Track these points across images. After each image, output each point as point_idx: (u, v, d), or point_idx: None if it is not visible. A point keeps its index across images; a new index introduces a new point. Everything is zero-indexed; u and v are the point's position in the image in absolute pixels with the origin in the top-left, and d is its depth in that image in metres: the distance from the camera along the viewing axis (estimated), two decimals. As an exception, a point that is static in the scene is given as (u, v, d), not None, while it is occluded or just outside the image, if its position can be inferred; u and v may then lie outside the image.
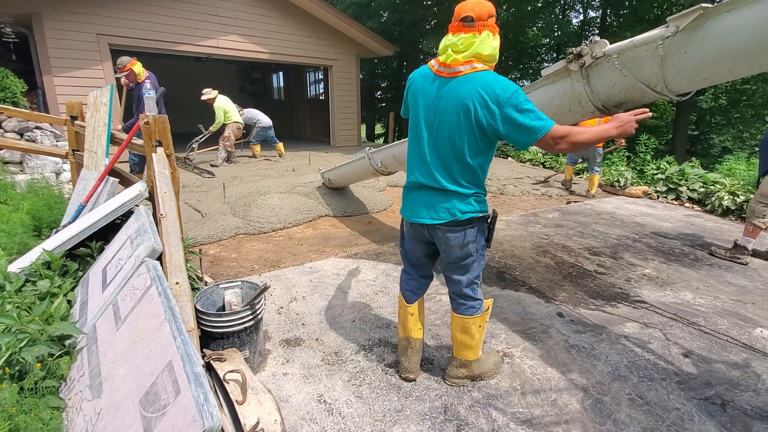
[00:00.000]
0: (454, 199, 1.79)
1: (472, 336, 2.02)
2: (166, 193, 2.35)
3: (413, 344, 2.13)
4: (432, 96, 1.75)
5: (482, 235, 1.89)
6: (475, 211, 1.81)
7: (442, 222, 1.81)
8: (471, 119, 1.66)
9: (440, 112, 1.73)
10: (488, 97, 1.61)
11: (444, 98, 1.71)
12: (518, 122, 1.60)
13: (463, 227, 1.82)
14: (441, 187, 1.79)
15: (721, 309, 3.00)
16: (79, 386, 1.69)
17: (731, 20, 1.81)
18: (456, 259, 1.91)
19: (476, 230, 1.85)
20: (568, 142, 1.61)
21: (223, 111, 7.48)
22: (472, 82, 1.64)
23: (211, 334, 2.01)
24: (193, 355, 1.41)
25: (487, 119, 1.64)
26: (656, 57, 2.05)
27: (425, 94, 1.78)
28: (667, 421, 1.92)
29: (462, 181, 1.78)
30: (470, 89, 1.63)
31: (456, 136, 1.71)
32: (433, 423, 1.87)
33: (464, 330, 2.02)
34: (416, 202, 1.89)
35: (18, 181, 4.50)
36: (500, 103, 1.60)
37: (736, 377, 2.25)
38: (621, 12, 15.10)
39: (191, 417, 1.21)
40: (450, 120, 1.70)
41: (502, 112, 1.61)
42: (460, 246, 1.85)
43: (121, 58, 4.88)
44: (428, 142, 1.80)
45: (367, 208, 5.26)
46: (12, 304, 1.88)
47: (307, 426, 1.83)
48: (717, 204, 5.67)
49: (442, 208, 1.80)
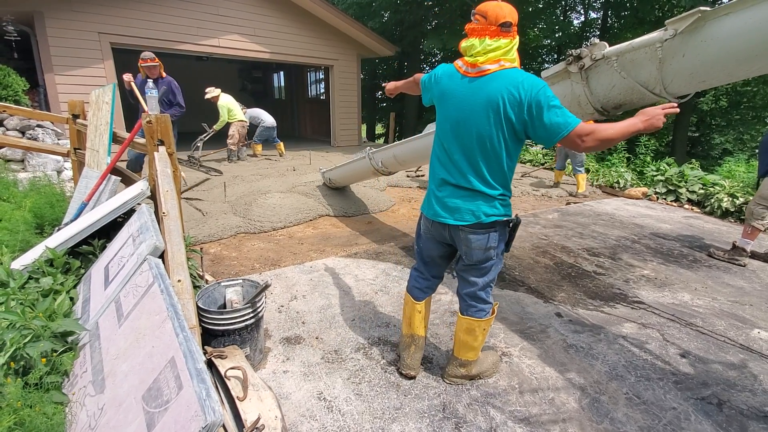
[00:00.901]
0: (480, 201, 1.79)
1: (476, 338, 2.03)
2: (168, 192, 2.37)
3: (417, 341, 2.16)
4: (460, 95, 1.75)
5: (503, 240, 1.88)
6: (499, 215, 1.81)
7: (466, 224, 1.82)
8: (501, 116, 1.66)
9: (469, 110, 1.72)
10: (517, 93, 1.62)
11: (473, 96, 1.71)
12: (546, 118, 1.60)
13: (487, 230, 1.82)
14: (468, 186, 1.79)
15: (719, 310, 3.02)
16: (81, 382, 1.71)
17: (729, 23, 1.83)
18: (476, 262, 1.91)
19: (498, 234, 1.85)
20: (594, 139, 1.60)
21: (227, 109, 7.51)
22: (501, 79, 1.65)
23: (213, 332, 2.03)
24: (196, 352, 1.43)
25: (517, 115, 1.64)
26: (655, 59, 2.07)
27: (453, 93, 1.79)
28: (664, 420, 1.94)
29: (490, 180, 1.77)
30: (499, 86, 1.65)
31: (485, 133, 1.71)
32: (431, 421, 1.88)
33: (469, 331, 2.03)
34: (440, 201, 1.89)
35: (20, 179, 4.52)
36: (529, 98, 1.61)
37: (732, 377, 2.27)
38: (622, 14, 15.12)
39: (194, 412, 1.23)
40: (479, 117, 1.70)
41: (531, 108, 1.61)
42: (483, 249, 1.86)
43: (146, 53, 5.15)
44: (456, 140, 1.80)
45: (369, 209, 5.27)
46: (16, 300, 1.89)
47: (307, 423, 1.85)
48: (716, 206, 5.69)
49: (467, 209, 1.80)
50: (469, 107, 1.72)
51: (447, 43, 12.87)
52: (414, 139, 4.08)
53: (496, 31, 1.66)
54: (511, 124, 1.67)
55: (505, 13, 1.65)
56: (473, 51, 1.70)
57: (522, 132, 1.69)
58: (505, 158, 1.75)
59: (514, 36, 1.69)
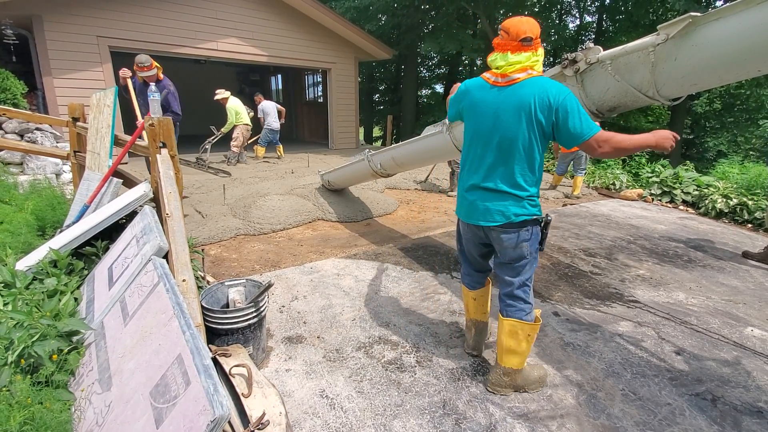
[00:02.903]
0: (509, 202, 1.88)
1: (519, 342, 2.01)
2: (171, 194, 2.40)
3: (478, 326, 2.34)
4: (492, 103, 1.86)
5: (536, 238, 1.95)
6: (528, 214, 1.89)
7: (497, 224, 1.91)
8: (532, 118, 1.77)
9: (501, 115, 1.83)
10: (546, 98, 1.74)
11: (504, 102, 1.82)
12: (570, 123, 1.73)
13: (517, 229, 1.90)
14: (497, 189, 1.89)
15: (713, 308, 3.07)
16: (88, 380, 1.74)
17: (719, 28, 1.88)
18: (509, 260, 1.99)
19: (530, 233, 1.92)
20: (610, 147, 1.73)
21: (235, 112, 7.61)
22: (530, 86, 1.78)
23: (216, 331, 2.06)
24: (202, 348, 1.46)
25: (546, 117, 1.76)
26: (648, 63, 2.12)
27: (484, 102, 1.89)
28: (659, 415, 1.98)
29: (520, 182, 1.86)
30: (529, 92, 1.77)
31: (518, 135, 1.81)
32: (432, 417, 1.92)
33: (512, 334, 2.01)
34: (472, 204, 1.99)
35: (20, 182, 4.54)
36: (557, 103, 1.74)
37: (726, 374, 2.32)
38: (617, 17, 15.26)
39: (202, 406, 1.26)
40: (512, 121, 1.81)
41: (558, 112, 1.74)
42: (513, 247, 1.93)
43: (143, 56, 4.87)
44: (489, 146, 1.90)
45: (371, 212, 5.29)
46: (22, 300, 1.92)
47: (310, 420, 1.88)
48: (711, 207, 5.76)
49: (497, 211, 1.90)
50: (501, 113, 1.83)
51: (444, 46, 12.96)
52: (412, 142, 4.12)
53: (517, 46, 1.79)
54: (541, 126, 1.79)
55: (525, 29, 1.78)
56: (497, 64, 1.84)
57: (550, 134, 1.82)
58: (537, 158, 1.86)
59: (536, 49, 1.82)
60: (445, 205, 5.96)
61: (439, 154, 3.93)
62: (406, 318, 2.79)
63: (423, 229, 4.77)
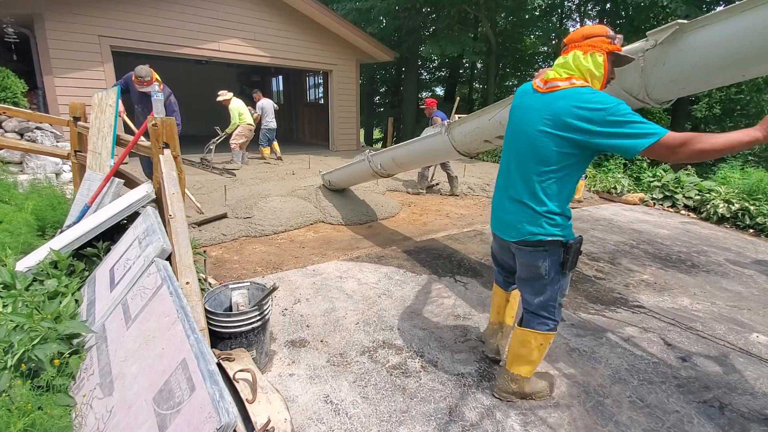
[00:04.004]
0: (525, 217, 1.78)
1: (531, 351, 1.94)
2: (174, 195, 2.37)
3: (504, 329, 2.32)
4: (528, 107, 1.79)
5: (555, 261, 1.79)
6: (546, 234, 1.75)
7: (511, 240, 1.87)
8: (566, 130, 1.63)
9: (533, 122, 1.73)
10: (587, 110, 1.58)
11: (540, 110, 1.72)
12: (617, 134, 1.54)
13: (534, 248, 1.79)
14: (517, 198, 1.81)
15: (718, 314, 3.05)
16: (89, 385, 1.71)
17: (705, 35, 1.93)
18: (525, 277, 1.92)
19: (548, 254, 1.78)
20: (691, 151, 1.47)
21: (238, 113, 7.64)
22: (570, 96, 1.64)
23: (219, 334, 2.03)
24: (207, 353, 1.43)
25: (584, 131, 1.60)
26: (637, 68, 2.16)
27: (522, 106, 1.84)
28: (668, 423, 1.96)
29: (540, 195, 1.74)
30: (568, 102, 1.63)
31: (546, 146, 1.69)
32: (438, 424, 1.89)
33: (524, 343, 1.95)
34: (494, 212, 1.98)
35: (20, 181, 4.50)
36: (597, 116, 1.56)
37: (733, 381, 2.30)
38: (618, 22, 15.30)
39: (207, 413, 1.23)
40: (542, 130, 1.69)
41: (599, 125, 1.56)
42: (527, 265, 1.87)
43: (143, 69, 4.60)
44: (515, 152, 1.84)
45: (374, 215, 5.27)
46: (22, 302, 1.89)
47: (315, 426, 1.85)
48: (712, 211, 5.76)
49: (512, 225, 1.83)
50: (534, 120, 1.73)
51: (445, 49, 12.95)
52: (412, 142, 4.11)
53: (565, 50, 1.75)
54: (576, 141, 1.63)
55: (580, 31, 1.73)
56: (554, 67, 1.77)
57: (587, 149, 1.65)
58: (566, 172, 1.71)
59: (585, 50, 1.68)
60: (447, 208, 5.94)
61: (439, 154, 3.92)
62: (410, 322, 2.76)
63: (425, 232, 4.75)
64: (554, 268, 1.81)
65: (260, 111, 8.38)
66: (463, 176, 7.61)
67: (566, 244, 1.77)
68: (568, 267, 1.80)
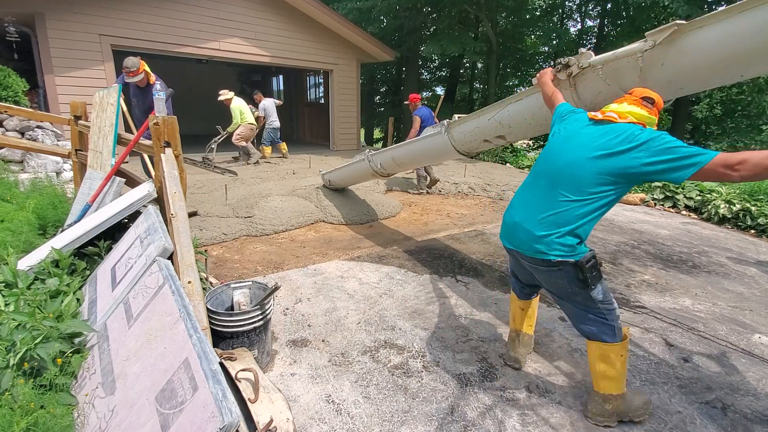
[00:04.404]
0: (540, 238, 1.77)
1: (612, 365, 1.87)
2: (176, 194, 2.37)
3: (522, 338, 2.29)
4: (577, 133, 1.82)
5: (572, 278, 1.77)
6: (552, 253, 1.74)
7: (523, 253, 1.85)
8: (611, 162, 1.66)
9: (580, 149, 1.75)
10: (634, 142, 1.63)
11: (589, 138, 1.76)
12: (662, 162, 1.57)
13: (548, 267, 1.79)
14: (537, 217, 1.80)
15: (720, 315, 3.04)
16: (90, 384, 1.71)
17: (703, 36, 1.93)
18: (552, 293, 1.93)
19: (563, 273, 1.77)
20: (749, 171, 1.43)
21: (239, 112, 7.68)
22: (621, 129, 1.70)
23: (221, 334, 2.02)
24: (210, 353, 1.43)
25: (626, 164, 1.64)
26: (636, 68, 2.16)
27: (572, 129, 1.86)
28: (670, 424, 1.96)
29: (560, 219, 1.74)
30: (617, 136, 1.69)
31: (580, 174, 1.71)
32: (440, 424, 1.89)
33: (602, 357, 1.87)
34: (508, 224, 1.95)
35: (21, 180, 4.50)
36: (641, 148, 1.61)
37: (735, 382, 2.29)
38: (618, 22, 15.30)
39: (210, 413, 1.23)
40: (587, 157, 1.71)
41: (643, 156, 1.61)
42: (546, 281, 1.89)
43: (130, 60, 4.47)
44: (548, 169, 1.84)
45: (374, 214, 5.27)
46: (24, 301, 1.88)
47: (317, 426, 1.85)
48: (713, 212, 5.75)
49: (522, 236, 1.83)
50: (581, 147, 1.76)
51: (446, 48, 12.96)
52: (412, 142, 4.11)
53: (637, 101, 1.80)
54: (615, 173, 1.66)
55: (650, 93, 1.83)
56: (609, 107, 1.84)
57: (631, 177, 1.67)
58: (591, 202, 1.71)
59: (653, 113, 1.80)
60: (447, 208, 5.94)
61: (438, 154, 3.92)
62: (412, 322, 2.76)
63: (426, 232, 4.75)
64: (576, 284, 1.78)
65: (263, 112, 8.41)
66: (464, 176, 7.61)
67: (578, 263, 1.73)
68: (591, 282, 1.76)
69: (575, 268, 1.73)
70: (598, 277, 1.78)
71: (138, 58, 4.58)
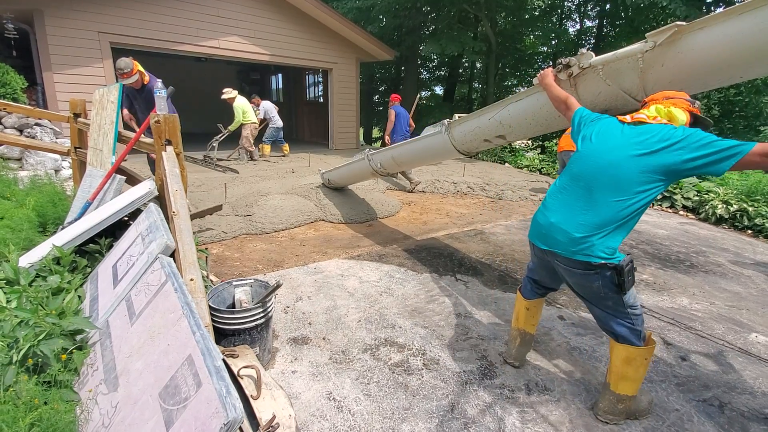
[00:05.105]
0: (580, 239, 1.76)
1: (637, 368, 1.88)
2: (178, 191, 2.38)
3: (524, 337, 2.30)
4: (612, 135, 1.83)
5: (611, 281, 1.76)
6: (593, 255, 1.74)
7: (554, 251, 1.85)
8: (649, 160, 1.69)
9: (614, 149, 1.77)
10: (669, 140, 1.68)
11: (625, 139, 1.78)
12: (701, 156, 1.62)
13: (584, 270, 1.79)
14: (572, 218, 1.80)
15: (717, 314, 3.07)
16: (93, 380, 1.71)
17: (704, 37, 1.95)
18: (582, 296, 1.94)
19: (600, 276, 1.77)
20: None
21: (242, 111, 7.70)
22: (654, 128, 1.75)
23: (223, 331, 2.03)
24: (213, 350, 1.44)
25: (667, 159, 1.67)
26: (636, 69, 2.18)
27: (606, 132, 1.87)
28: (668, 421, 1.98)
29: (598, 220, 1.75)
30: (652, 134, 1.73)
31: (622, 174, 1.72)
32: (441, 421, 1.90)
33: (628, 361, 1.87)
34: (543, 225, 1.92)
35: (20, 178, 4.49)
36: (682, 144, 1.66)
37: (732, 380, 2.31)
38: (617, 23, 15.32)
39: (214, 409, 1.24)
40: (625, 158, 1.73)
41: (683, 153, 1.65)
42: (578, 284, 1.88)
43: (123, 61, 4.32)
44: (587, 172, 1.83)
45: (374, 213, 5.28)
46: (26, 297, 1.89)
47: (318, 422, 1.86)
48: (711, 212, 5.78)
49: (559, 234, 1.83)
50: (620, 147, 1.77)
51: (445, 48, 12.96)
52: (411, 141, 4.12)
53: (674, 102, 1.86)
54: (658, 171, 1.69)
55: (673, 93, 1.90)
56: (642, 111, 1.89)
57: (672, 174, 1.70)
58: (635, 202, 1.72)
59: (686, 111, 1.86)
60: (447, 207, 5.95)
61: (439, 153, 3.93)
62: (412, 320, 2.77)
63: (426, 231, 4.76)
64: (610, 288, 1.78)
65: (263, 114, 8.48)
66: (463, 176, 7.63)
67: (617, 267, 1.73)
68: (626, 287, 1.76)
69: (614, 271, 1.74)
70: (632, 282, 1.80)
71: (130, 58, 4.43)
